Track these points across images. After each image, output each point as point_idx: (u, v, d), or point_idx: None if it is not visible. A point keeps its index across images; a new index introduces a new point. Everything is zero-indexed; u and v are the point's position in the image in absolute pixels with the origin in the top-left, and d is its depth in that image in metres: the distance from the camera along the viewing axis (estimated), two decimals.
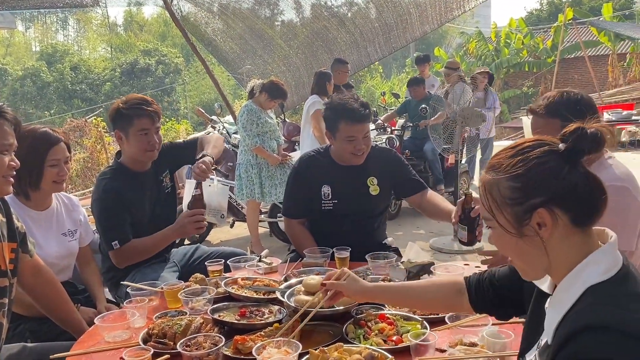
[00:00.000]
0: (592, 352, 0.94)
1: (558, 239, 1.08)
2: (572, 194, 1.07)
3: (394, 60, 35.53)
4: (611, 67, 17.59)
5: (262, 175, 4.99)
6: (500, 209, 1.12)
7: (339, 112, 2.54)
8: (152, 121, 2.53)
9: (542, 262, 1.12)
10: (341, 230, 2.61)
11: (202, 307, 1.97)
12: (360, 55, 9.44)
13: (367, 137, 2.57)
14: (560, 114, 1.94)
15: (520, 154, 1.10)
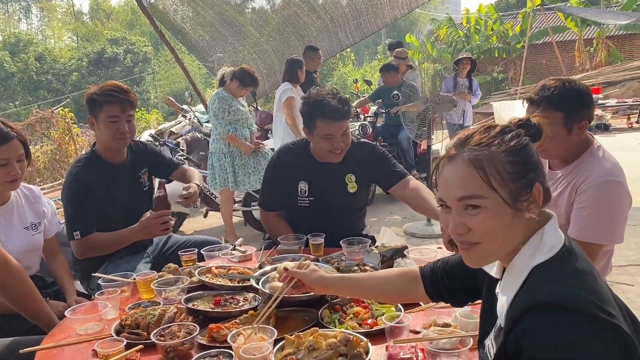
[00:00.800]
0: (537, 330, 0.96)
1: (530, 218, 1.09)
2: (544, 173, 1.12)
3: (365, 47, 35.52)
4: (578, 53, 17.89)
5: (235, 164, 4.95)
6: (502, 183, 1.07)
7: (316, 108, 2.43)
8: (123, 109, 2.48)
9: (513, 242, 1.11)
10: (317, 227, 2.51)
11: (176, 297, 1.95)
12: (332, 41, 9.40)
13: (345, 134, 2.47)
14: (563, 108, 1.90)
15: (507, 133, 1.12)
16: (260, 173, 4.95)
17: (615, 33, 18.52)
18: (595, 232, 1.90)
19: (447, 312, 1.64)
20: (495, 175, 1.07)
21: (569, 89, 1.92)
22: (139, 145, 2.81)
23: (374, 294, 1.61)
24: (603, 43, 17.81)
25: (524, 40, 16.75)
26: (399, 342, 1.46)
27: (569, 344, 0.92)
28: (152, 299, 2.01)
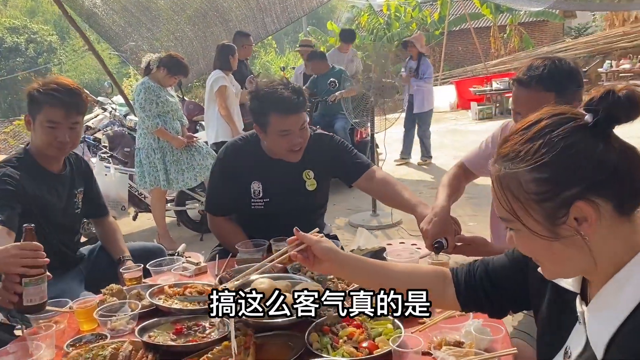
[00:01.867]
0: None
1: (602, 233, 0.88)
2: (612, 177, 0.86)
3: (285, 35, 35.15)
4: (493, 39, 18.59)
5: (166, 161, 4.53)
6: (525, 207, 0.91)
7: (268, 102, 2.14)
8: (66, 114, 2.11)
9: (583, 264, 0.91)
10: (273, 229, 2.21)
11: (125, 327, 1.64)
12: (257, 26, 9.07)
13: (304, 128, 2.19)
14: (556, 88, 1.75)
15: (540, 137, 0.89)
16: (195, 169, 4.59)
17: (526, 20, 19.41)
18: None
19: (454, 327, 1.44)
20: (518, 198, 0.91)
21: (559, 67, 1.78)
22: (80, 160, 2.44)
23: (394, 284, 1.30)
24: (516, 29, 18.60)
25: (442, 27, 17.14)
26: None
27: None
28: (94, 330, 1.67)
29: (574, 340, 0.97)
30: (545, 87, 1.75)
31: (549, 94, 1.75)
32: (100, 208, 2.55)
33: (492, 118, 11.71)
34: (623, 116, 0.87)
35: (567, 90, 1.77)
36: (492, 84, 12.21)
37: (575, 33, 21.10)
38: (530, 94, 1.79)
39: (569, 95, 1.77)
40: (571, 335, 0.98)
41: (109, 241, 2.46)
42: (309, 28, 23.03)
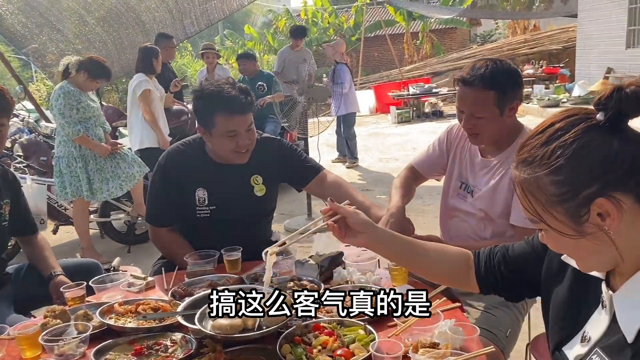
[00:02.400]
0: None
1: (625, 226, 0.90)
2: (630, 171, 0.88)
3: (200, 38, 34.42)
4: (406, 45, 19.26)
5: (88, 169, 4.27)
6: (547, 209, 0.94)
7: (214, 102, 2.04)
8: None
9: (610, 257, 0.94)
10: (220, 238, 2.15)
11: (76, 351, 1.50)
12: (176, 29, 8.80)
13: (251, 130, 2.11)
14: (497, 87, 1.84)
15: (554, 140, 0.92)
16: (120, 178, 4.36)
17: (437, 27, 20.29)
18: None
19: (425, 329, 1.44)
20: (539, 201, 0.94)
21: (500, 67, 1.87)
22: (6, 171, 2.24)
23: (427, 269, 1.36)
24: (427, 36, 19.39)
25: (358, 33, 17.53)
26: None
27: None
28: (38, 357, 1.52)
29: (594, 325, 1.00)
30: (486, 86, 1.84)
31: (490, 92, 1.84)
32: (30, 225, 2.35)
33: (411, 121, 12.12)
34: (633, 111, 0.90)
35: (506, 89, 1.86)
36: (409, 88, 12.63)
37: (481, 40, 22.35)
38: (473, 92, 1.87)
39: (509, 94, 1.86)
40: (590, 320, 1.01)
41: (39, 259, 2.27)
42: (225, 32, 22.74)
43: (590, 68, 11.79)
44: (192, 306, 1.60)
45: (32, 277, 2.27)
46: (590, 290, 1.04)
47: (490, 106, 1.86)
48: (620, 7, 10.73)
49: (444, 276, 1.41)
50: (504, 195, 1.94)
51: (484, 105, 1.86)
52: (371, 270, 1.90)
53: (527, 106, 11.38)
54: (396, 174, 7.77)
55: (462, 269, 1.33)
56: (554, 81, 12.59)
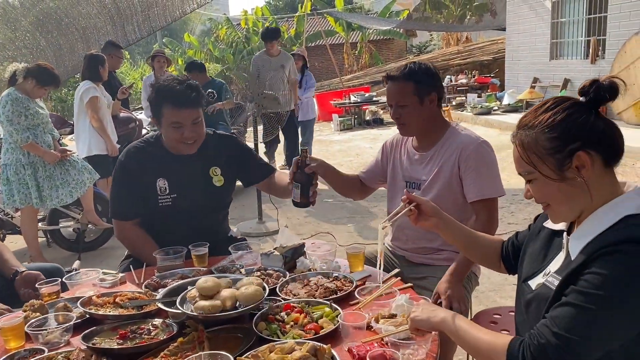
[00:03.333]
0: (633, 259, 1.09)
1: (594, 178, 1.22)
2: (601, 137, 1.22)
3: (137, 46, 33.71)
4: (346, 55, 19.72)
5: (38, 177, 4.24)
6: (542, 159, 1.24)
7: (162, 95, 2.24)
8: None
9: (583, 201, 1.24)
10: (182, 228, 2.33)
11: (60, 339, 1.60)
12: (117, 35, 8.70)
13: (197, 124, 2.28)
14: (414, 79, 2.17)
15: (549, 110, 1.25)
16: (70, 185, 4.34)
17: (375, 38, 20.89)
18: (493, 188, 2.15)
19: (384, 304, 1.64)
20: (536, 154, 1.25)
21: (418, 65, 2.23)
22: None
23: (474, 249, 1.68)
24: (366, 46, 19.93)
25: (299, 43, 17.79)
26: (367, 340, 1.42)
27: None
28: (22, 347, 1.60)
29: (554, 263, 1.32)
30: (405, 78, 2.17)
31: (408, 82, 2.17)
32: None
33: (353, 129, 12.47)
34: (606, 96, 1.22)
35: (422, 80, 2.19)
36: (350, 97, 12.99)
37: (417, 51, 23.21)
38: (395, 84, 2.21)
39: (425, 85, 2.19)
40: (553, 261, 1.33)
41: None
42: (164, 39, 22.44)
43: (518, 78, 12.57)
44: (169, 294, 1.73)
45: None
46: (556, 242, 1.36)
47: (411, 95, 2.18)
48: (544, 22, 11.55)
49: (485, 259, 1.71)
50: (447, 181, 2.19)
51: (405, 94, 2.19)
52: (330, 259, 2.09)
53: (461, 114, 11.99)
54: None
55: (497, 253, 1.66)
56: (485, 90, 13.30)
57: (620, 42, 9.24)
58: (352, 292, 1.74)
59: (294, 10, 21.44)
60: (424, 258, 2.28)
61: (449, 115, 11.50)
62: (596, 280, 1.11)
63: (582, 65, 10.53)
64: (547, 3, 11.40)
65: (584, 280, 1.14)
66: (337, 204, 5.99)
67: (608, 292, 1.10)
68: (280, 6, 31.72)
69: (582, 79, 10.35)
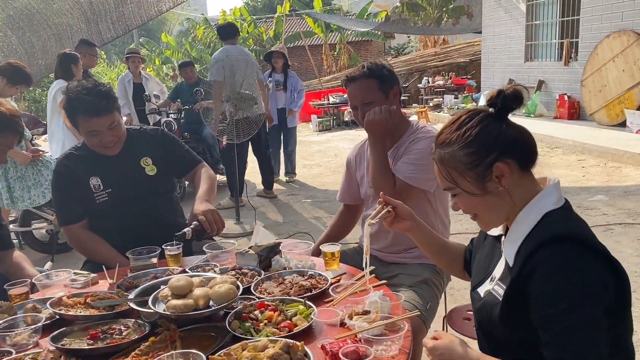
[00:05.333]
0: (552, 256, 1.16)
1: (514, 184, 1.27)
2: (514, 145, 1.27)
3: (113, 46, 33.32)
4: (325, 56, 19.74)
5: (9, 177, 4.16)
6: (462, 175, 1.29)
7: (75, 106, 2.27)
8: None
9: (508, 207, 1.30)
10: (127, 222, 2.36)
11: (29, 341, 1.57)
12: (92, 33, 8.55)
13: (114, 127, 2.32)
14: (376, 76, 2.17)
15: (464, 126, 1.29)
16: (43, 186, 4.27)
17: (354, 39, 20.96)
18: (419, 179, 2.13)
19: (357, 301, 1.65)
20: (456, 170, 1.30)
21: (375, 63, 2.23)
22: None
23: (443, 256, 1.71)
24: (345, 48, 19.98)
25: (278, 43, 17.75)
26: (340, 337, 1.42)
27: (577, 265, 1.14)
28: None
29: (497, 269, 1.37)
30: (367, 75, 2.17)
31: (371, 79, 2.17)
32: (1, 242, 2.30)
33: (331, 129, 12.49)
34: (512, 105, 1.28)
35: (383, 75, 2.19)
36: (328, 98, 13.01)
37: (395, 52, 23.37)
38: (358, 84, 2.20)
39: (387, 80, 2.19)
40: (496, 267, 1.38)
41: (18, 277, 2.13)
42: (141, 39, 22.20)
43: (494, 79, 12.74)
44: (141, 294, 1.71)
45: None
46: (497, 247, 1.41)
47: (376, 90, 2.18)
48: (519, 24, 11.72)
49: (451, 266, 1.73)
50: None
51: (369, 91, 2.18)
52: (306, 258, 2.08)
53: (438, 114, 12.10)
54: (319, 179, 7.91)
55: (461, 261, 1.69)
56: (462, 91, 13.45)
57: (593, 45, 9.43)
58: (326, 290, 1.75)
59: (273, 11, 21.40)
60: (396, 257, 2.29)
61: (426, 116, 11.60)
62: (551, 299, 1.15)
63: (555, 67, 10.72)
64: (522, 6, 11.58)
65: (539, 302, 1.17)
66: (316, 204, 5.99)
67: (568, 302, 1.13)
68: (259, 7, 31.61)
69: (556, 80, 10.57)
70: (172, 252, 2.17)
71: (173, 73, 20.24)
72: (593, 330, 1.13)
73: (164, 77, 20.68)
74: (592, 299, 1.13)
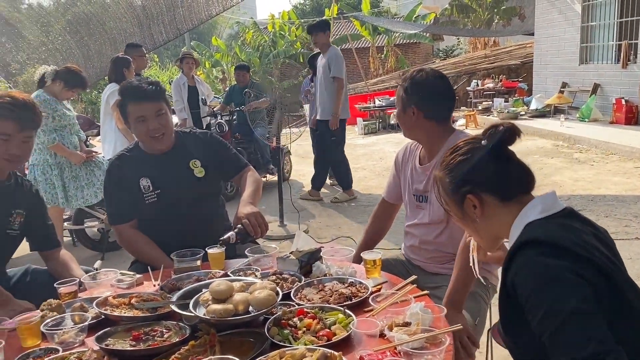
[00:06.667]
0: (522, 263, 1.18)
1: (492, 213, 1.34)
2: (493, 179, 1.32)
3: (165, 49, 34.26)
4: (372, 59, 19.66)
5: (64, 177, 4.32)
6: (448, 197, 1.40)
7: (124, 94, 2.38)
8: (20, 127, 2.09)
9: (493, 232, 1.38)
10: (175, 222, 2.40)
11: (75, 339, 1.61)
12: (144, 37, 8.80)
13: (161, 115, 2.37)
14: (404, 86, 2.17)
15: (454, 152, 1.39)
16: (95, 186, 4.42)
17: (401, 42, 20.78)
18: None
19: (398, 311, 1.61)
20: (443, 192, 1.41)
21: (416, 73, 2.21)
22: (30, 185, 2.38)
23: None
24: (392, 50, 19.83)
25: None
26: (379, 349, 1.39)
27: (542, 263, 1.14)
28: (38, 346, 1.62)
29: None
30: (401, 83, 2.21)
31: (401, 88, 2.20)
32: (48, 241, 2.41)
33: (377, 132, 12.42)
34: (506, 140, 1.33)
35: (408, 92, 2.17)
36: (374, 101, 12.94)
37: (444, 55, 23.02)
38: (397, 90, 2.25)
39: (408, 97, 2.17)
40: None
41: (64, 275, 2.24)
42: (192, 42, 22.73)
43: (546, 82, 12.34)
44: (183, 297, 1.73)
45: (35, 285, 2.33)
46: None
47: (400, 99, 2.21)
48: (574, 26, 11.32)
49: None
50: None
51: (397, 98, 2.25)
52: (347, 265, 2.06)
53: (487, 118, 11.82)
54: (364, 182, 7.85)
55: None
56: (512, 95, 13.10)
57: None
58: (366, 299, 1.72)
59: (321, 14, 21.46)
60: (440, 267, 2.23)
61: (474, 119, 11.36)
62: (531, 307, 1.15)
63: (612, 70, 10.28)
64: (577, 7, 11.18)
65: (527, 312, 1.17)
66: (360, 208, 5.96)
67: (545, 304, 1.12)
68: (307, 10, 31.83)
69: (612, 84, 10.15)
70: (215, 255, 2.20)
71: (222, 76, 20.61)
72: (579, 321, 1.09)
73: (213, 80, 21.10)
74: (567, 291, 1.11)
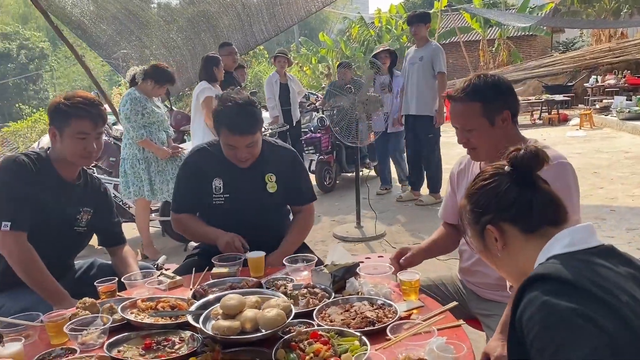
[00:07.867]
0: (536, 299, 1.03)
1: (515, 247, 1.21)
2: (514, 208, 1.20)
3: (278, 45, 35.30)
4: (482, 52, 18.76)
5: (151, 171, 4.54)
6: (468, 228, 1.31)
7: (221, 120, 2.31)
8: (94, 125, 2.22)
9: (513, 267, 1.25)
10: (236, 228, 2.36)
11: (96, 341, 1.63)
12: (246, 35, 9.03)
13: (251, 146, 2.32)
14: (480, 97, 1.87)
15: (476, 179, 1.28)
16: None
17: (515, 34, 19.62)
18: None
19: (418, 344, 1.46)
20: (465, 222, 1.31)
21: (483, 79, 1.92)
22: (100, 183, 2.51)
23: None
24: (504, 43, 18.79)
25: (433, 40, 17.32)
26: None
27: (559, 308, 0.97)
28: (65, 344, 1.67)
29: None
30: (470, 98, 1.88)
31: (475, 103, 1.88)
32: (114, 237, 2.52)
33: None
34: (531, 166, 1.21)
35: (490, 98, 1.87)
36: None
37: (563, 48, 21.37)
38: (459, 106, 1.92)
39: (495, 103, 1.88)
40: None
41: (123, 272, 2.33)
42: (300, 39, 23.16)
43: None
44: (203, 307, 1.70)
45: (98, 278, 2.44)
46: None
47: (478, 117, 1.88)
48: None
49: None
50: None
51: (471, 117, 1.89)
52: (383, 284, 1.92)
53: (605, 118, 10.79)
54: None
55: None
56: (637, 93, 11.82)
57: None
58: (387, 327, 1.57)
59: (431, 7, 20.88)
60: (494, 294, 2.00)
61: (590, 119, 10.41)
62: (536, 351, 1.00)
63: None
64: None
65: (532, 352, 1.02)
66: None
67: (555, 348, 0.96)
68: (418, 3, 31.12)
69: None
70: (255, 260, 2.15)
71: (327, 72, 20.78)
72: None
73: (318, 75, 21.34)
74: (574, 339, 0.95)
